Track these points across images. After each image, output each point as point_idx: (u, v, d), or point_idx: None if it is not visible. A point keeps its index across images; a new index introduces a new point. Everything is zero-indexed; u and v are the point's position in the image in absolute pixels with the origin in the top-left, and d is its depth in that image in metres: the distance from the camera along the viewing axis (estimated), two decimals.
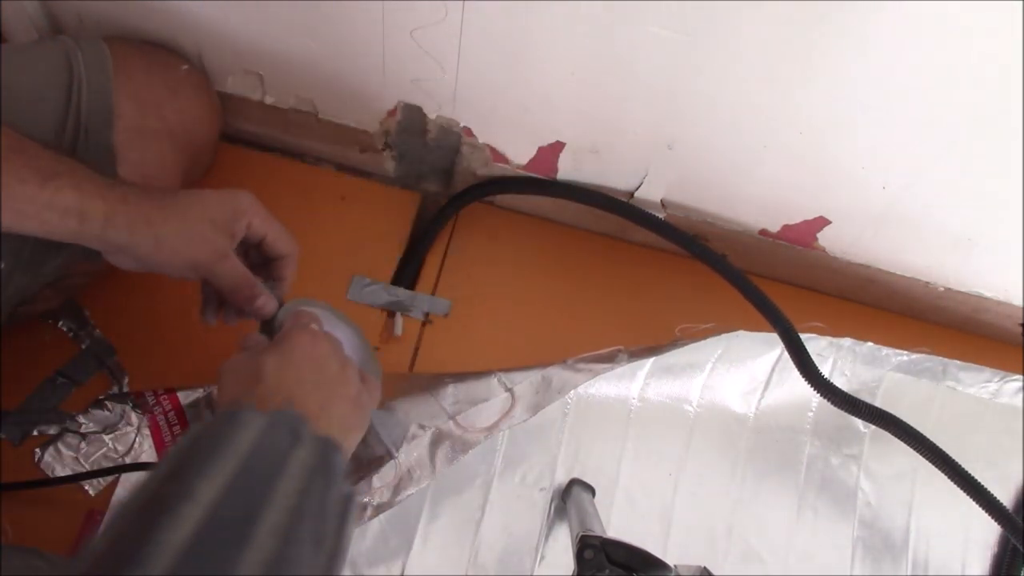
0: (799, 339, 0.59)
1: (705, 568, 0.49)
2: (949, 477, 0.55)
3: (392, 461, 0.57)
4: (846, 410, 0.56)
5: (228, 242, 0.49)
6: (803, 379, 0.58)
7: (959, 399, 0.70)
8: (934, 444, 0.56)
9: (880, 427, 0.57)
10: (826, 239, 0.69)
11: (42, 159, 0.45)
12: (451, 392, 0.60)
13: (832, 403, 0.56)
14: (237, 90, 0.67)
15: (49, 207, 0.44)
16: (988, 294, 0.71)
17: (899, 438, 0.56)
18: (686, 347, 0.63)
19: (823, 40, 0.49)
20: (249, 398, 0.39)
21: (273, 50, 0.63)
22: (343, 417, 0.45)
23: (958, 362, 0.69)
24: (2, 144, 0.44)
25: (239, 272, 0.49)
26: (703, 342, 0.64)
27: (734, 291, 0.64)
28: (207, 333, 0.54)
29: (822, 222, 0.66)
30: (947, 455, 0.55)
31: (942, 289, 0.71)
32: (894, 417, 0.56)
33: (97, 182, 0.46)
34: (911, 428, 0.56)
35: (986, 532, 0.69)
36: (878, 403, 0.63)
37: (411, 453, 0.58)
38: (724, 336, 0.65)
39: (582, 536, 0.50)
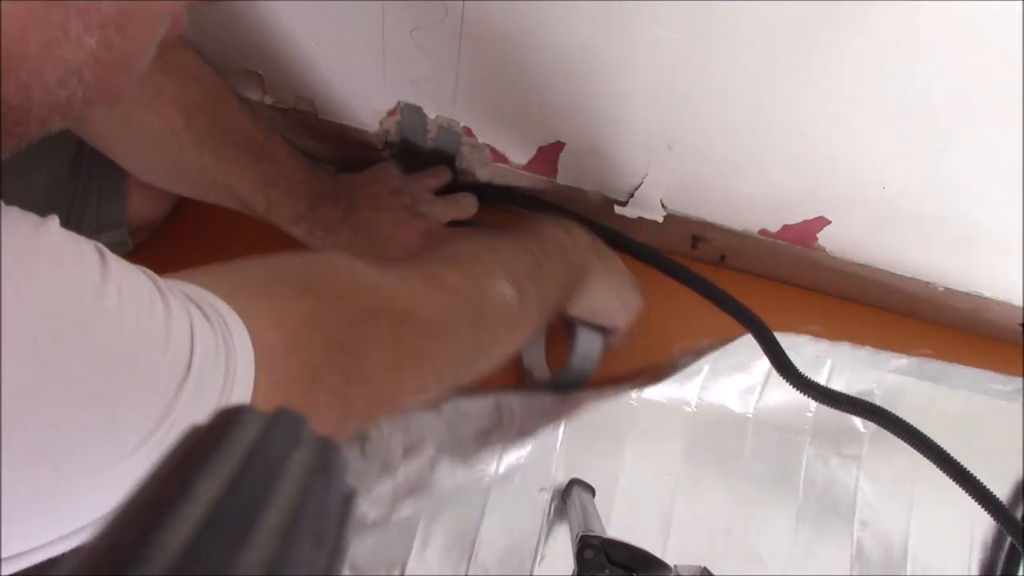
0: (771, 334, 0.58)
1: (705, 568, 0.49)
2: (929, 458, 0.55)
3: (389, 478, 0.57)
4: (824, 403, 0.56)
5: None
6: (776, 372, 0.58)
7: (959, 401, 0.70)
8: (913, 427, 0.55)
9: (862, 417, 0.57)
10: (826, 239, 0.69)
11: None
12: (452, 410, 0.61)
13: (811, 397, 0.56)
14: (237, 90, 0.67)
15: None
16: (988, 294, 0.71)
17: (881, 425, 0.56)
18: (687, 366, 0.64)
19: (823, 40, 0.49)
20: None
21: (273, 50, 0.63)
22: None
23: (958, 365, 0.69)
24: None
25: None
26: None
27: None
28: None
29: (822, 222, 0.66)
30: (927, 437, 0.55)
31: (942, 289, 0.71)
32: (873, 406, 0.56)
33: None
34: (891, 415, 0.55)
35: (986, 532, 0.69)
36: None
37: (410, 470, 0.58)
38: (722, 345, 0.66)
39: (582, 536, 0.50)
